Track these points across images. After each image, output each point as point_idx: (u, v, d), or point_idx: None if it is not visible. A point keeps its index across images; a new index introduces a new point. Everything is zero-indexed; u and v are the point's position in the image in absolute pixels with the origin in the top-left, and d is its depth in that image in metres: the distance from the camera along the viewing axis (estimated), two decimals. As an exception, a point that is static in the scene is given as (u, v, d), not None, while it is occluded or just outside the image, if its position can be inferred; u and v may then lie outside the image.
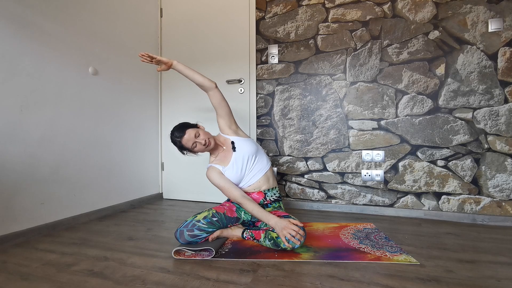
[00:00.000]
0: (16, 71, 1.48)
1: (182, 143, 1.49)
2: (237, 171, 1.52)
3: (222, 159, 1.57)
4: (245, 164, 1.54)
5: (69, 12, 1.75)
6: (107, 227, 1.72)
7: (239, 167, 1.52)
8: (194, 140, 1.47)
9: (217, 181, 1.49)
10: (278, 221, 1.31)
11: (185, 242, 1.30)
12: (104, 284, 1.02)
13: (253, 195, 1.55)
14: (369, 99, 2.02)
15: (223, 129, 1.60)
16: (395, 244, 1.37)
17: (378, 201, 2.02)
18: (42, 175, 1.59)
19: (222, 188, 1.48)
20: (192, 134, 1.48)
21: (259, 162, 1.56)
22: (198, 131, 1.50)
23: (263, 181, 1.55)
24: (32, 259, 1.24)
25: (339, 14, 2.07)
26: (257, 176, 1.55)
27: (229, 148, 1.57)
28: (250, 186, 1.56)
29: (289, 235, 1.25)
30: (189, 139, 1.47)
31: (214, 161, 1.58)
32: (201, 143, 1.47)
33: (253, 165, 1.55)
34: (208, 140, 1.49)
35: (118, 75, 2.10)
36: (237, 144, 1.56)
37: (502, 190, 1.77)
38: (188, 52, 2.46)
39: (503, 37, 1.75)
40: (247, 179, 1.55)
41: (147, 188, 2.41)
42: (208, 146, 1.50)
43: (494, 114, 1.78)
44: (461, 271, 1.10)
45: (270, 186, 1.58)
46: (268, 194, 1.57)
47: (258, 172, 1.55)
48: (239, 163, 1.53)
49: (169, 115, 2.55)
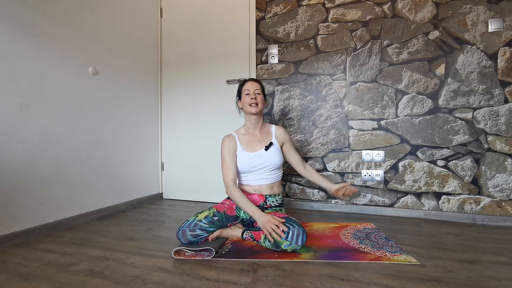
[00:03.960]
0: (16, 71, 1.48)
1: (247, 85, 1.58)
2: (249, 164, 1.53)
3: (248, 142, 1.59)
4: (261, 167, 1.54)
5: (69, 12, 1.75)
6: (107, 227, 1.72)
7: (254, 164, 1.53)
8: (255, 91, 1.56)
9: (224, 151, 1.54)
10: (262, 215, 1.34)
11: (187, 242, 1.30)
12: (104, 284, 1.02)
13: (254, 197, 1.55)
14: (369, 99, 2.02)
15: (278, 136, 1.63)
16: (395, 244, 1.37)
17: (378, 201, 2.02)
18: (42, 175, 1.59)
19: (223, 161, 1.54)
20: (256, 87, 1.58)
21: (272, 174, 1.57)
22: (261, 95, 1.58)
23: (265, 187, 1.56)
24: (32, 259, 1.24)
25: (339, 14, 2.07)
26: (263, 181, 1.55)
27: (263, 141, 1.59)
28: (251, 187, 1.56)
29: (270, 229, 1.27)
30: (254, 86, 1.57)
31: (240, 136, 1.60)
32: (256, 99, 1.54)
33: (266, 172, 1.55)
34: (260, 104, 1.55)
35: (118, 75, 2.10)
36: (272, 149, 1.57)
37: (502, 190, 1.77)
38: (188, 52, 2.46)
39: (503, 37, 1.75)
40: (251, 177, 1.56)
41: (147, 188, 2.41)
42: (257, 107, 1.54)
43: (494, 114, 1.78)
44: (461, 271, 1.10)
45: (273, 193, 1.57)
46: (270, 199, 1.56)
47: (265, 179, 1.56)
48: (257, 161, 1.53)
49: (169, 115, 2.55)
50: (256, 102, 1.54)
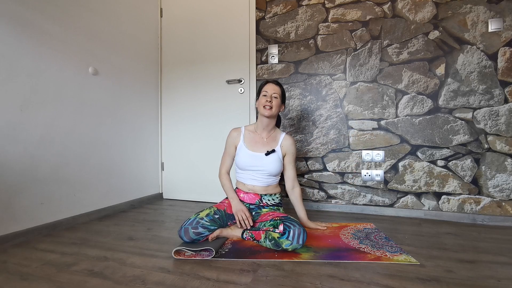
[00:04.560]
0: (16, 71, 1.47)
1: (267, 86, 1.57)
2: (246, 162, 1.56)
3: (252, 141, 1.60)
4: (257, 169, 1.56)
5: (69, 12, 1.75)
6: (107, 227, 1.72)
7: (251, 164, 1.55)
8: (272, 94, 1.54)
9: (227, 142, 1.63)
10: (238, 203, 1.50)
11: (189, 240, 1.30)
12: (104, 284, 1.02)
13: (250, 195, 1.57)
14: (369, 99, 2.02)
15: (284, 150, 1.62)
16: (395, 244, 1.37)
17: (378, 201, 2.02)
18: (42, 175, 1.59)
19: (224, 151, 1.65)
20: (275, 90, 1.56)
21: (267, 178, 1.58)
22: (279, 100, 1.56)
23: (259, 188, 1.58)
24: (32, 259, 1.24)
25: (339, 14, 2.07)
26: (256, 183, 1.58)
27: (267, 145, 1.59)
28: (245, 185, 1.58)
29: (240, 217, 1.42)
30: (273, 89, 1.55)
31: (246, 132, 1.62)
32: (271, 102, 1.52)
33: (261, 175, 1.57)
34: (274, 109, 1.54)
35: (118, 75, 2.10)
36: (272, 156, 1.56)
37: (502, 190, 1.77)
38: (188, 52, 2.46)
39: (503, 37, 1.75)
40: (246, 175, 1.58)
41: (147, 188, 2.41)
42: (270, 110, 1.53)
43: (494, 114, 1.78)
44: (461, 271, 1.10)
45: (267, 193, 1.59)
46: (265, 198, 1.58)
47: (259, 181, 1.57)
48: (254, 162, 1.55)
49: (169, 115, 2.55)
50: (271, 106, 1.53)
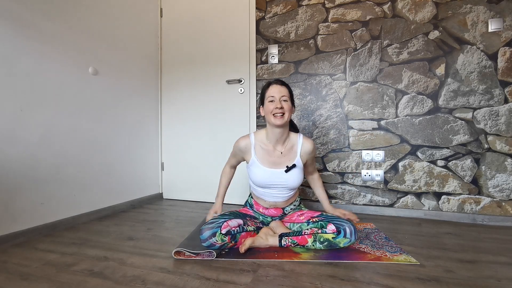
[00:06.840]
0: (16, 71, 1.47)
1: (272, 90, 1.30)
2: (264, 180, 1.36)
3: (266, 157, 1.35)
4: (277, 186, 1.38)
5: (69, 12, 1.75)
6: (107, 227, 1.72)
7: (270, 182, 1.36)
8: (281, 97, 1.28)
9: (236, 151, 1.45)
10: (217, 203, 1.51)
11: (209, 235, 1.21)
12: (104, 284, 1.02)
13: (271, 211, 1.46)
14: (369, 99, 2.02)
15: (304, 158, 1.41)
16: (395, 244, 1.37)
17: (378, 201, 2.02)
18: (42, 175, 1.59)
19: (230, 154, 1.53)
20: (283, 93, 1.29)
21: (289, 193, 1.43)
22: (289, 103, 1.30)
23: (281, 203, 1.45)
24: (32, 259, 1.24)
25: (339, 14, 2.07)
26: (277, 199, 1.43)
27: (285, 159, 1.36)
28: (266, 202, 1.45)
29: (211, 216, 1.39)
30: (281, 91, 1.29)
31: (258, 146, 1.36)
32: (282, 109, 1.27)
33: (281, 192, 1.41)
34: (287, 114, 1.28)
35: (118, 75, 2.10)
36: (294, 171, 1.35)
37: (502, 190, 1.77)
38: (188, 52, 2.46)
39: (503, 37, 1.75)
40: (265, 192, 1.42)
41: (147, 188, 2.41)
42: (282, 118, 1.27)
43: (494, 114, 1.78)
44: (461, 271, 1.10)
45: (289, 203, 1.48)
46: (287, 208, 1.48)
47: (280, 197, 1.43)
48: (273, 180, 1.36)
49: (169, 115, 2.55)
50: (282, 112, 1.28)
